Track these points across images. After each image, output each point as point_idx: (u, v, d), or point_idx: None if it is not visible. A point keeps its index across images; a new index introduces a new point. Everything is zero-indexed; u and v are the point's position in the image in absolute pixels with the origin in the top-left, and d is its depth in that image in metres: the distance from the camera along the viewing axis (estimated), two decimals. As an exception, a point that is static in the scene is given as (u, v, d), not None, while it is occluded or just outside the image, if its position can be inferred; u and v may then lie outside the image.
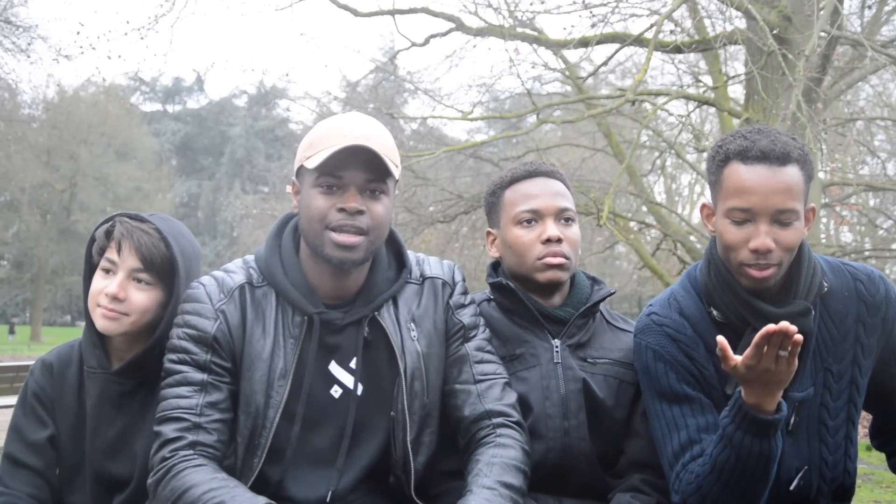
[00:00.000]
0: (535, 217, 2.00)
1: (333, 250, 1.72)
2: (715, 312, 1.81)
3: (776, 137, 1.72)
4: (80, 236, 33.58)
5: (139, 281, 1.84)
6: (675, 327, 1.83)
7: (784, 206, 1.68)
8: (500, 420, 1.81)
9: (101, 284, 1.83)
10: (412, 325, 1.83)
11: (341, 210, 1.71)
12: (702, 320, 1.83)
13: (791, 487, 1.78)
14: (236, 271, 1.82)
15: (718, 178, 1.76)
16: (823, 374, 1.79)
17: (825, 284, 1.80)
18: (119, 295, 1.81)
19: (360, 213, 1.72)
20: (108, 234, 1.86)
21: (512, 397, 1.86)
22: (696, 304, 1.84)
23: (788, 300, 1.75)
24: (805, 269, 1.77)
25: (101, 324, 1.83)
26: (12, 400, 8.00)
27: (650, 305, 1.92)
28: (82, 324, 2.03)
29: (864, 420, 9.99)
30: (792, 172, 1.69)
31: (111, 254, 1.84)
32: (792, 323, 1.68)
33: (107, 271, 1.84)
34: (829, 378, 1.79)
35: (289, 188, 1.87)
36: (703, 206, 1.85)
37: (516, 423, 1.82)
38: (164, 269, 1.85)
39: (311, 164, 1.71)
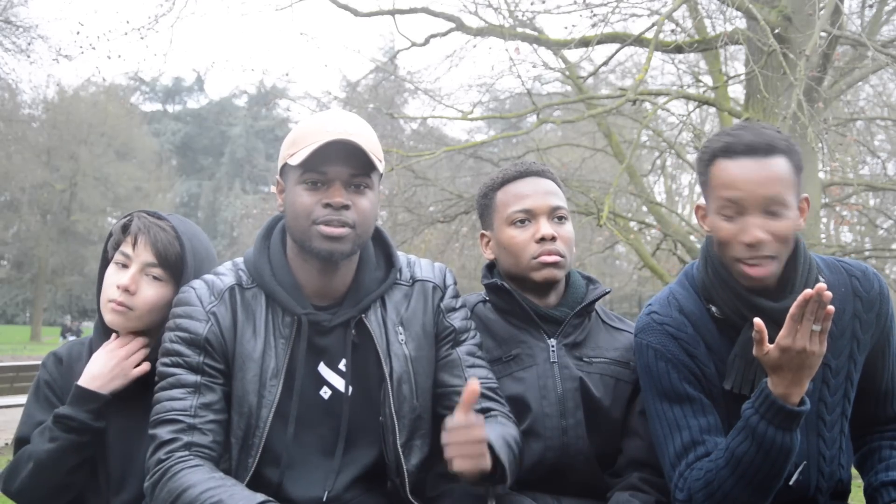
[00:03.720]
0: (527, 217, 2.00)
1: (321, 242, 1.72)
2: (714, 309, 1.81)
3: (760, 131, 1.73)
4: (80, 236, 33.65)
5: (152, 276, 1.87)
6: (675, 326, 1.83)
7: (773, 195, 1.68)
8: (495, 413, 1.82)
9: (114, 278, 1.87)
10: (400, 328, 1.83)
11: (327, 205, 1.71)
12: (701, 318, 1.83)
13: (791, 482, 1.78)
14: (226, 273, 1.83)
15: (707, 178, 1.77)
16: (822, 369, 1.78)
17: (821, 279, 1.80)
18: (130, 287, 1.84)
19: (346, 207, 1.72)
20: (125, 229, 1.90)
21: (502, 401, 1.87)
22: (695, 302, 1.84)
23: (785, 295, 1.74)
24: (801, 263, 1.77)
25: (109, 317, 1.86)
26: (12, 400, 8.01)
27: (649, 304, 1.92)
28: (86, 324, 2.04)
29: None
30: (778, 163, 1.70)
31: (126, 248, 1.88)
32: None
33: (121, 265, 1.88)
34: (827, 373, 1.80)
35: (273, 188, 1.88)
36: (698, 208, 1.86)
37: (509, 413, 1.85)
38: (177, 267, 1.88)
39: (295, 160, 1.71)
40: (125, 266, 1.87)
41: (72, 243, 33.86)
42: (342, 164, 1.71)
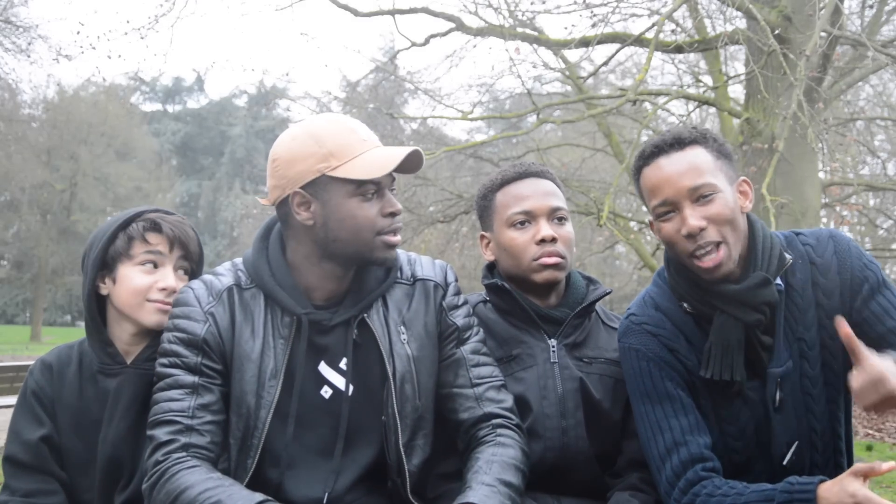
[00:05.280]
0: (527, 218, 2.00)
1: (385, 252, 1.75)
2: (685, 305, 1.83)
3: (670, 131, 1.79)
4: (80, 236, 33.59)
5: (182, 272, 1.92)
6: (654, 323, 1.85)
7: (694, 182, 1.71)
8: (499, 421, 1.81)
9: (148, 279, 1.87)
10: (402, 327, 1.82)
11: (390, 214, 1.74)
12: (677, 313, 1.85)
13: (784, 462, 1.79)
14: (225, 274, 1.82)
15: (641, 192, 1.83)
16: (798, 344, 1.79)
17: (788, 257, 1.80)
18: (178, 288, 1.86)
19: (401, 212, 1.77)
20: (156, 229, 1.89)
21: (509, 400, 1.86)
22: (670, 299, 1.87)
23: (748, 275, 1.76)
24: (760, 242, 1.78)
25: (156, 318, 1.86)
26: (12, 400, 8.00)
27: (628, 309, 1.94)
28: (83, 324, 2.03)
29: (865, 420, 9.93)
30: (692, 152, 1.75)
31: (159, 247, 1.89)
32: (753, 296, 1.72)
33: (153, 265, 1.88)
34: (803, 347, 1.79)
35: (265, 201, 1.80)
36: (651, 223, 1.87)
37: (516, 425, 1.83)
38: (199, 261, 1.95)
39: (359, 174, 1.69)
40: (156, 265, 1.88)
41: (72, 243, 33.80)
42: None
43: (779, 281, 1.78)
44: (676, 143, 1.75)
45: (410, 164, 1.76)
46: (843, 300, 1.79)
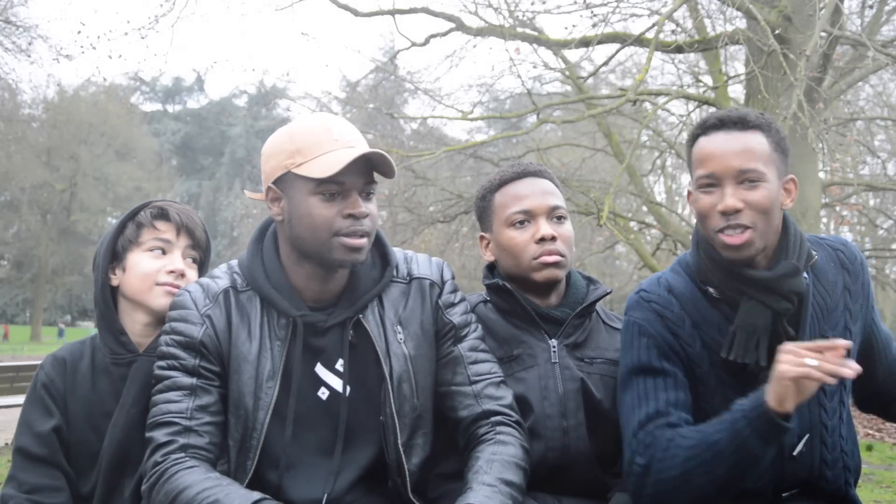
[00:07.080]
0: (527, 217, 2.00)
1: (344, 254, 1.71)
2: (711, 290, 1.82)
3: (737, 109, 1.79)
4: (80, 236, 33.66)
5: (191, 259, 1.97)
6: (662, 303, 1.85)
7: (745, 165, 1.72)
8: (499, 418, 1.81)
9: (157, 264, 1.92)
10: (399, 327, 1.82)
11: (349, 216, 1.71)
12: (692, 298, 1.84)
13: (794, 453, 1.79)
14: (221, 276, 1.83)
15: (690, 159, 1.83)
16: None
17: (814, 253, 1.83)
18: (186, 272, 1.92)
19: (365, 216, 1.72)
20: (164, 216, 1.94)
21: (509, 396, 1.86)
22: (686, 284, 1.86)
23: (778, 265, 1.77)
24: (792, 235, 1.80)
25: (165, 302, 1.89)
26: (12, 400, 8.00)
27: (639, 285, 1.94)
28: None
29: (864, 419, 9.92)
30: (752, 136, 1.75)
31: (167, 234, 1.94)
32: (782, 284, 1.73)
33: (162, 251, 1.93)
34: None
35: (253, 195, 1.83)
36: (689, 193, 1.87)
37: (515, 421, 1.82)
38: (206, 249, 2.00)
39: (315, 173, 1.68)
40: (164, 252, 1.93)
41: (72, 243, 33.86)
42: (358, 174, 1.71)
43: (805, 274, 1.80)
44: (741, 122, 1.76)
45: (380, 168, 1.74)
46: (864, 307, 1.88)
